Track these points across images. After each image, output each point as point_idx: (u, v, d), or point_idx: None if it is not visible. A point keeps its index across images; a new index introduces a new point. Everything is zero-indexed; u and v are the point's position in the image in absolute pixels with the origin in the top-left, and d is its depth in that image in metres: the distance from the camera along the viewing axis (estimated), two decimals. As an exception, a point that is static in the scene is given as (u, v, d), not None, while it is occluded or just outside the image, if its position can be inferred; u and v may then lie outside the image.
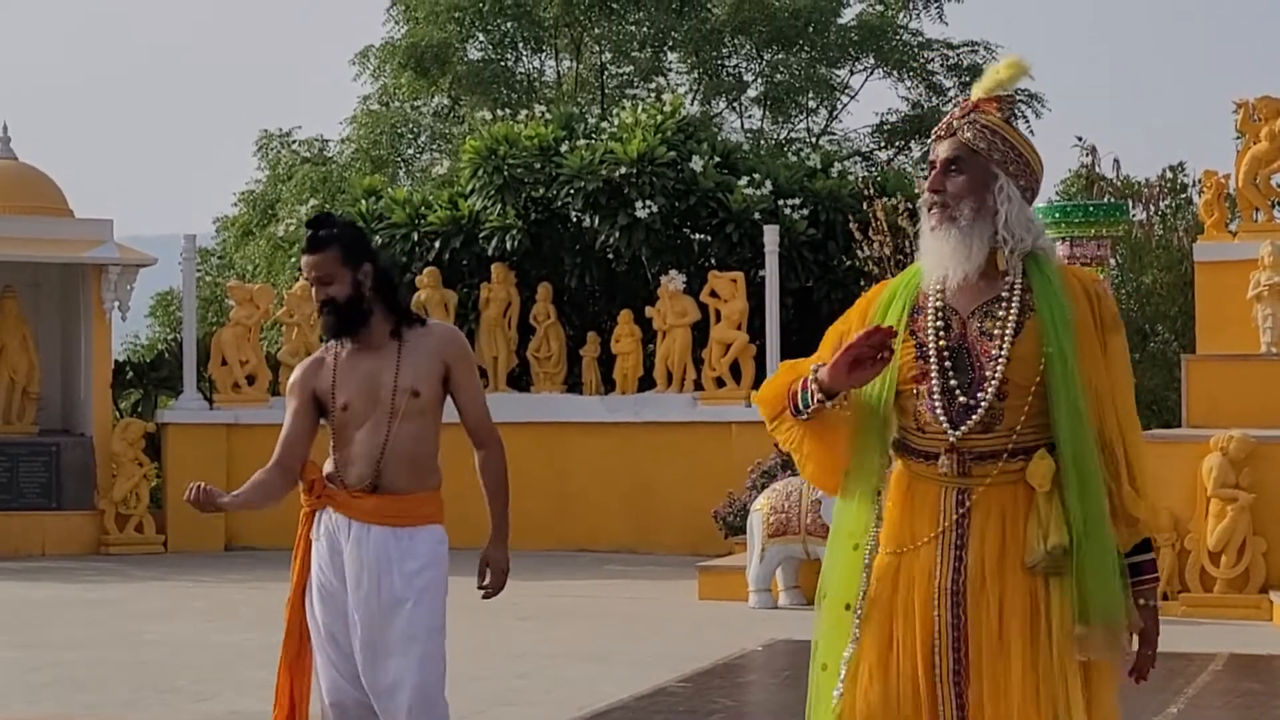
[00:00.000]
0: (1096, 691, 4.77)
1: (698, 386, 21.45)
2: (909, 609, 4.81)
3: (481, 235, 23.22)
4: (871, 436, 4.90)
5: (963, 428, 4.78)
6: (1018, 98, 30.32)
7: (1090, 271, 5.45)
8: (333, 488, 6.34)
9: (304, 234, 6.44)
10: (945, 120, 4.99)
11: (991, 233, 4.83)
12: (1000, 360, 4.77)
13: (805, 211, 22.39)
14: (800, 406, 4.87)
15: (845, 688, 4.85)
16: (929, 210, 4.90)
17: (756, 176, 22.58)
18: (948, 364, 4.82)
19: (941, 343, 4.83)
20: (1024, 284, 4.83)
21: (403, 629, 6.24)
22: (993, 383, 4.76)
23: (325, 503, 6.35)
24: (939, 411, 4.80)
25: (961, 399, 4.79)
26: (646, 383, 22.09)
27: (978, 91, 4.97)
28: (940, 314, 4.86)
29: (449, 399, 6.45)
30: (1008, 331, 4.78)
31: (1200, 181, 18.92)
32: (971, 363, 4.81)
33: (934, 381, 4.81)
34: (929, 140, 5.09)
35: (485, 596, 6.47)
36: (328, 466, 6.38)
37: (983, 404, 4.76)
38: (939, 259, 4.87)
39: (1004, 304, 4.81)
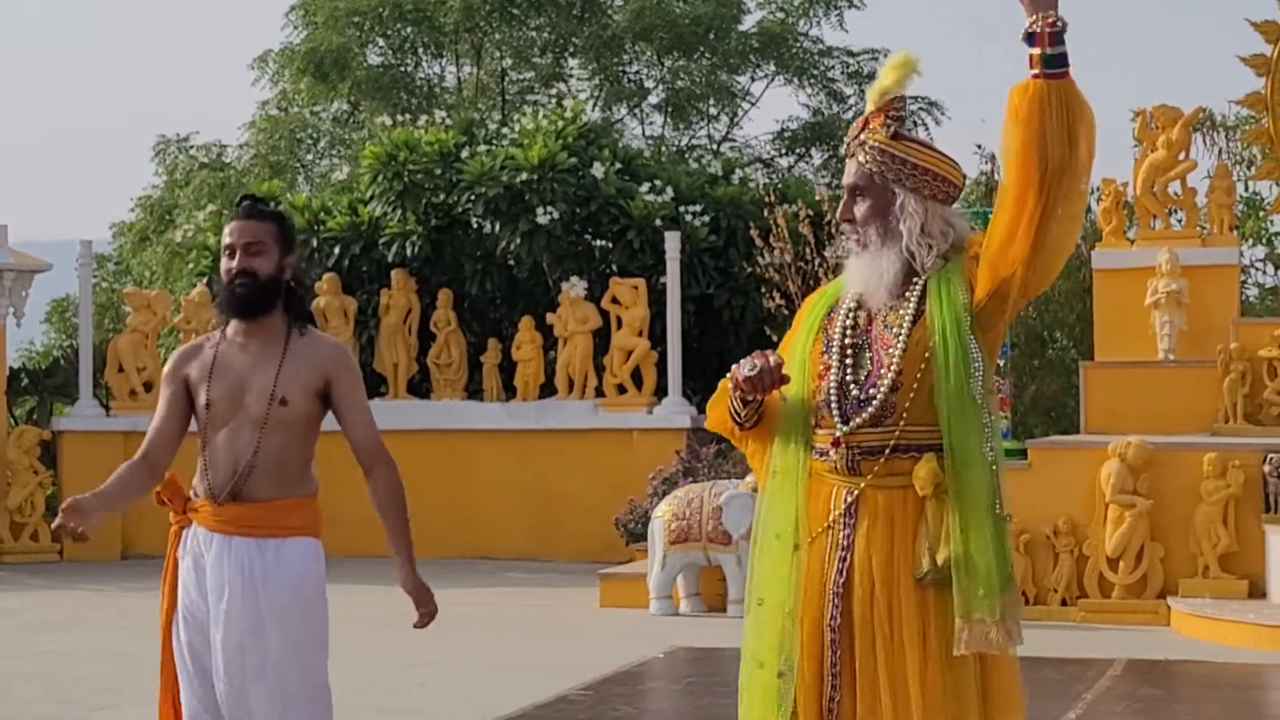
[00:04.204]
0: (999, 685, 4.80)
1: (599, 393, 21.41)
2: (806, 604, 4.86)
3: (381, 241, 23.11)
4: (794, 434, 4.96)
5: (854, 421, 4.83)
6: (914, 106, 30.67)
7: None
8: (196, 500, 5.92)
9: (240, 205, 5.99)
10: (848, 138, 5.07)
11: (900, 248, 4.89)
12: (897, 351, 4.83)
13: (706, 218, 22.40)
14: (739, 420, 5.02)
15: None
16: (846, 236, 5.02)
17: (658, 183, 22.59)
18: (848, 359, 4.89)
19: (846, 339, 4.91)
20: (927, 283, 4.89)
21: (271, 683, 5.79)
22: (889, 375, 4.82)
23: (190, 518, 5.92)
24: (833, 405, 4.86)
25: (855, 392, 4.85)
26: (548, 390, 22.03)
27: (868, 104, 5.01)
28: (852, 313, 4.95)
29: (335, 419, 6.02)
30: (904, 323, 4.84)
31: (1098, 189, 19.03)
32: (871, 357, 4.87)
33: (832, 375, 4.89)
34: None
35: (418, 626, 6.03)
36: (195, 478, 5.95)
37: (876, 397, 4.82)
38: (859, 278, 4.98)
39: (906, 300, 4.88)
